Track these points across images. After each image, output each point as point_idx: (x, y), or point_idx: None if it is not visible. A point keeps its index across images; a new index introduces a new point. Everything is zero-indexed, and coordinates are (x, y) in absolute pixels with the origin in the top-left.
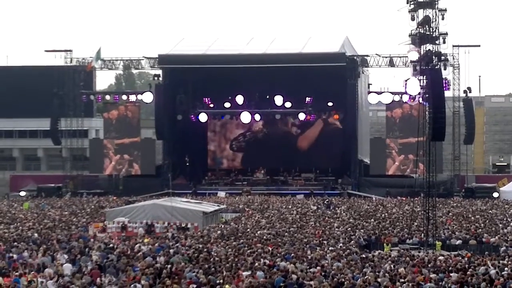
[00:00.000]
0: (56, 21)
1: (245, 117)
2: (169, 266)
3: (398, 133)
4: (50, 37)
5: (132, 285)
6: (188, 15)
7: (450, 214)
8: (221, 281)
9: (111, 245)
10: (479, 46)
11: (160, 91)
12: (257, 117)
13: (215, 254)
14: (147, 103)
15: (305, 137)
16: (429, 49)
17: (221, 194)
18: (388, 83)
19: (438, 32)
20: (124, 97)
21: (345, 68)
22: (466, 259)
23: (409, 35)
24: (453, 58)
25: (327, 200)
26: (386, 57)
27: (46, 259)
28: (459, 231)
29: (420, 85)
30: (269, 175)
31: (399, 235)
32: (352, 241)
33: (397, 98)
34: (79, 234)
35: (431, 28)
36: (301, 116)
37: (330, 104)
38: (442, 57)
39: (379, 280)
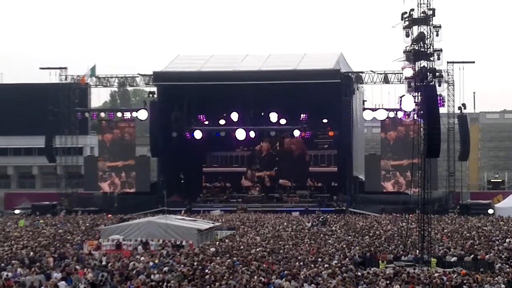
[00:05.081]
0: (51, 39)
1: (240, 134)
2: (165, 284)
3: (390, 155)
4: (45, 54)
5: None
6: (183, 33)
7: (445, 230)
8: None
9: (104, 262)
10: (473, 62)
11: (155, 108)
12: (252, 134)
13: (210, 272)
14: (142, 120)
15: None
16: (423, 66)
17: (216, 212)
18: (383, 99)
19: (433, 48)
20: (119, 114)
21: (339, 84)
22: (461, 275)
23: (404, 52)
24: (448, 75)
25: (322, 217)
26: (381, 74)
27: (41, 277)
28: (454, 248)
29: (415, 102)
30: (264, 193)
31: (394, 252)
32: (347, 258)
33: (391, 114)
34: (74, 252)
35: (425, 45)
36: (296, 133)
37: (325, 120)
38: (437, 74)
39: None
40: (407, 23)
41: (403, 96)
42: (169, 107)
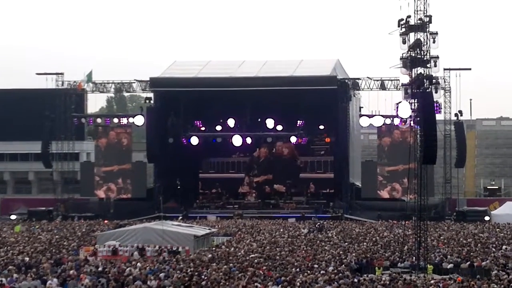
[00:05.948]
0: (47, 44)
1: (237, 140)
2: None
3: (386, 161)
4: (41, 60)
5: None
6: (180, 39)
7: (441, 237)
8: None
9: (100, 268)
10: (470, 69)
11: (151, 114)
12: (249, 140)
13: (207, 278)
14: (138, 126)
15: None
16: (420, 73)
17: (212, 218)
18: (380, 106)
19: (429, 55)
20: (116, 120)
21: (336, 91)
22: (458, 282)
23: (400, 59)
24: (444, 81)
25: (319, 223)
26: (378, 80)
27: (37, 283)
28: (451, 255)
29: (412, 109)
30: (260, 199)
31: (390, 258)
32: (343, 265)
33: (388, 121)
34: (70, 257)
35: (422, 52)
36: (293, 139)
37: (321, 127)
38: (433, 80)
39: None
40: (403, 29)
41: (399, 102)
42: (166, 113)
